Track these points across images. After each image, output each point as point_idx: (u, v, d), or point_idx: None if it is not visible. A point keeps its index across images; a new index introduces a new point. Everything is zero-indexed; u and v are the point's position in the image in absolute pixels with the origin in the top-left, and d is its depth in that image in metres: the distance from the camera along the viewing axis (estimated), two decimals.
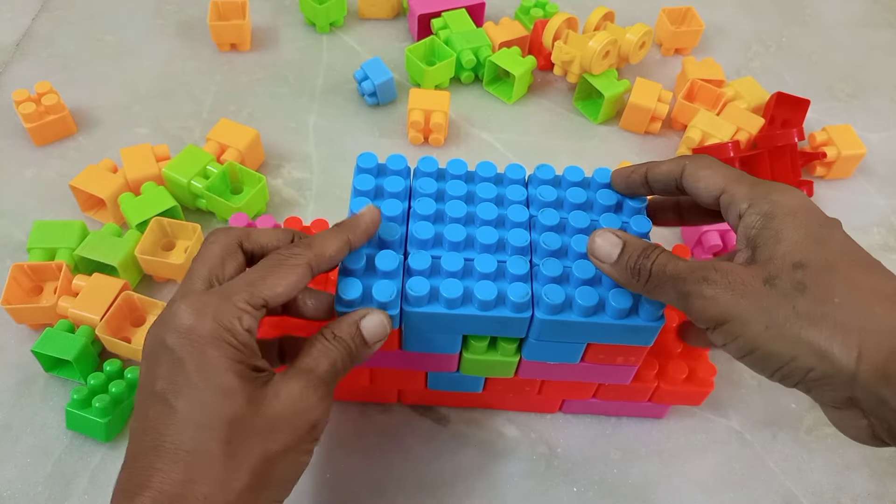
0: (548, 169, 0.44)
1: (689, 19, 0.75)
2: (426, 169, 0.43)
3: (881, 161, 0.68)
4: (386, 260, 0.38)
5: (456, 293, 0.37)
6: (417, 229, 0.40)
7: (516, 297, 0.38)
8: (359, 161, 0.43)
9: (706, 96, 0.67)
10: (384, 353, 0.42)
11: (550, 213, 0.41)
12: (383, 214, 0.40)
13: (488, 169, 0.43)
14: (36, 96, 0.62)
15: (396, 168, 0.43)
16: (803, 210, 0.33)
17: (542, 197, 0.42)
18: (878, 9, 0.85)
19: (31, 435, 0.48)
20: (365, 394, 0.49)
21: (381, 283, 0.38)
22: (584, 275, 0.38)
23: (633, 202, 0.42)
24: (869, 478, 0.49)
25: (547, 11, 0.74)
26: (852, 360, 0.29)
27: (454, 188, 0.42)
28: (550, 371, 0.44)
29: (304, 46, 0.74)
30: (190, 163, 0.58)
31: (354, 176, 0.43)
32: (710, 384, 0.46)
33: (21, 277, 0.52)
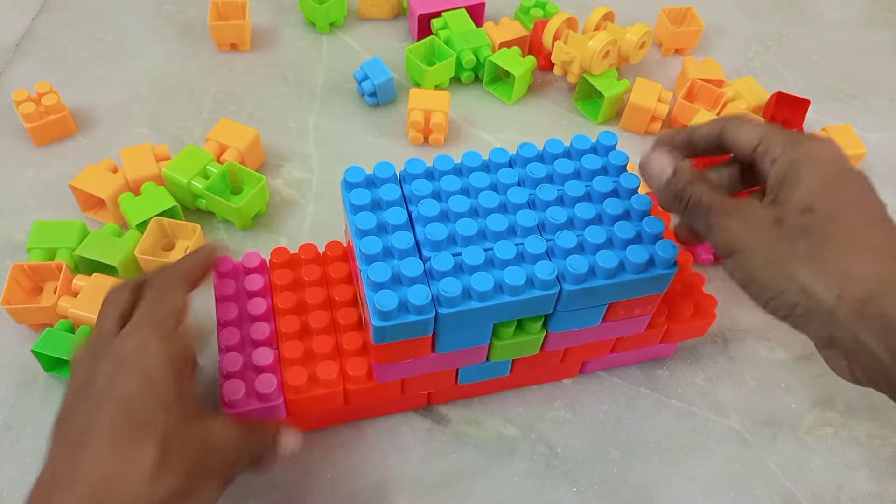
0: (530, 147, 0.45)
1: (689, 19, 0.75)
2: (415, 171, 0.43)
3: (881, 161, 0.68)
4: (411, 266, 0.38)
5: (487, 285, 0.38)
6: (430, 231, 0.39)
7: (544, 275, 0.38)
8: (346, 176, 0.42)
9: (706, 96, 0.67)
10: (417, 361, 0.42)
11: (547, 188, 0.42)
12: (389, 223, 0.40)
13: (474, 158, 0.44)
14: (36, 96, 0.62)
15: (386, 176, 0.43)
16: (827, 159, 0.35)
17: (533, 174, 0.43)
18: (878, 9, 0.85)
19: (31, 435, 0.48)
20: (396, 404, 0.49)
21: (414, 290, 0.38)
22: (597, 239, 0.40)
23: (616, 160, 0.45)
24: (869, 478, 0.49)
25: (547, 11, 0.74)
26: (832, 299, 0.32)
27: (449, 184, 0.42)
28: (574, 338, 0.45)
29: (304, 46, 0.74)
30: (190, 163, 0.58)
31: (346, 192, 0.42)
32: (713, 314, 0.49)
33: (21, 277, 0.52)
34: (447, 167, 0.43)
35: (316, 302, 0.46)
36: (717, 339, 0.55)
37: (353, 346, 0.44)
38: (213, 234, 0.59)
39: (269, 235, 0.59)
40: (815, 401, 0.52)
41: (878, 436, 0.51)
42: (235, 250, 0.58)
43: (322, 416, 0.48)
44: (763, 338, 0.55)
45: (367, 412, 0.49)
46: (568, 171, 0.44)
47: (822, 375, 0.54)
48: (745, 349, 0.55)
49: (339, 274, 0.47)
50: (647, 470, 0.48)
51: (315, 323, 0.45)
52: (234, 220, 0.58)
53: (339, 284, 0.47)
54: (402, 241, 0.39)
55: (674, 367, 0.53)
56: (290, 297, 0.46)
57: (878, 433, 0.51)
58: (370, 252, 0.39)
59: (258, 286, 0.47)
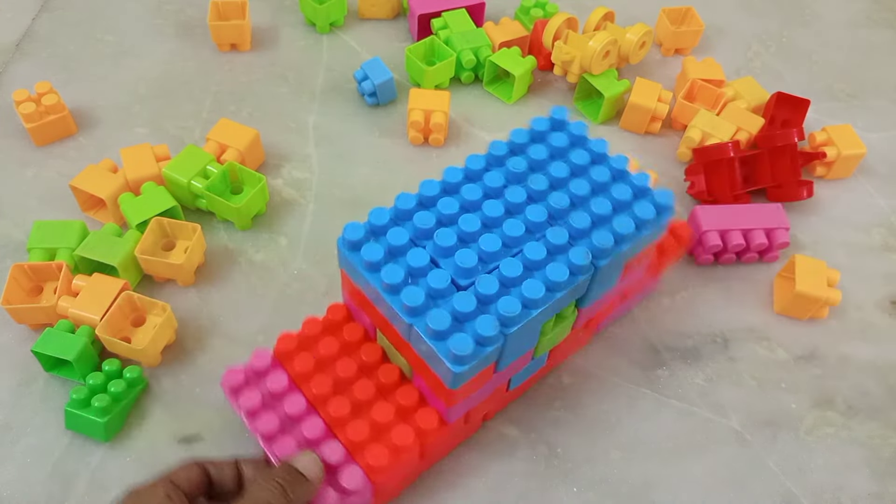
0: (500, 145, 0.45)
1: (689, 19, 0.75)
2: (407, 205, 0.41)
3: (881, 161, 0.68)
4: (464, 301, 0.37)
5: (539, 291, 0.38)
6: (460, 259, 0.39)
7: (580, 261, 0.39)
8: (346, 235, 0.40)
9: (706, 96, 0.67)
10: (482, 390, 0.42)
11: (538, 178, 0.43)
12: (414, 267, 0.39)
13: (455, 173, 0.43)
14: (36, 96, 0.62)
15: (384, 222, 0.41)
16: None
17: (515, 169, 0.43)
18: (878, 9, 0.85)
19: (31, 435, 0.48)
20: (460, 437, 0.48)
21: (480, 322, 0.37)
22: (604, 210, 0.42)
23: (575, 129, 0.46)
24: (869, 478, 0.49)
25: (547, 11, 0.74)
26: None
27: (447, 206, 0.41)
28: (597, 306, 0.46)
29: (304, 46, 0.74)
30: (190, 163, 0.58)
31: (351, 252, 0.40)
32: (688, 235, 0.53)
33: (21, 277, 0.52)
34: (436, 191, 0.42)
35: (351, 374, 0.43)
36: (717, 339, 0.55)
37: (412, 400, 0.43)
38: (213, 234, 0.59)
39: (269, 235, 0.59)
40: (815, 401, 0.52)
41: (878, 436, 0.51)
42: (235, 250, 0.58)
43: (402, 482, 0.46)
44: (763, 338, 0.55)
45: (437, 457, 0.47)
46: (543, 155, 0.44)
47: (822, 375, 0.54)
48: (745, 349, 0.55)
49: (355, 336, 0.45)
50: (647, 470, 0.48)
51: (363, 395, 0.43)
52: (234, 220, 0.58)
53: (362, 346, 0.45)
54: (438, 280, 0.38)
55: (674, 367, 0.53)
56: (323, 380, 0.43)
57: (878, 433, 0.51)
58: (414, 304, 0.37)
59: (283, 383, 0.43)
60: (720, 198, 0.61)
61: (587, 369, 0.53)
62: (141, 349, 0.48)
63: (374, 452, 0.41)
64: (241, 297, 0.55)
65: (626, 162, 0.44)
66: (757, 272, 0.59)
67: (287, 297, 0.55)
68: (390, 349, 0.44)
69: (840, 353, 0.55)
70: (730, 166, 0.60)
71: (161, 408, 0.49)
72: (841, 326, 0.56)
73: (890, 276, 0.60)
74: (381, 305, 0.40)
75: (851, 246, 0.62)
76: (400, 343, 0.41)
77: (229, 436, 0.48)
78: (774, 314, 0.57)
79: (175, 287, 0.55)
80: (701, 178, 0.61)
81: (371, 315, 0.43)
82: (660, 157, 0.67)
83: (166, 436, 0.48)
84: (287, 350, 0.45)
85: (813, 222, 0.63)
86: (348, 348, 0.45)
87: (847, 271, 0.59)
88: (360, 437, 0.41)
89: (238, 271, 0.56)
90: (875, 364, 0.55)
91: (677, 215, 0.62)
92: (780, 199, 0.61)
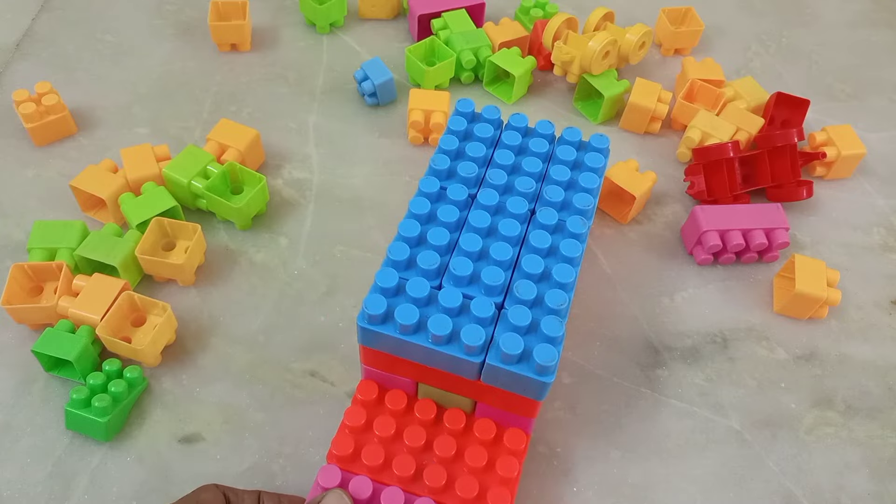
0: (441, 159, 0.46)
1: (689, 19, 0.75)
2: (408, 234, 0.41)
3: (881, 161, 0.68)
4: (521, 316, 0.38)
5: (562, 300, 0.39)
6: (488, 277, 0.39)
7: (576, 229, 0.43)
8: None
9: (706, 96, 0.67)
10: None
11: (498, 173, 0.45)
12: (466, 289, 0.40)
13: (421, 205, 0.43)
14: (36, 96, 0.62)
15: (405, 255, 0.41)
16: None
17: (467, 174, 0.45)
18: (878, 9, 0.85)
19: (31, 435, 0.48)
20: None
21: (547, 323, 0.38)
22: (561, 177, 0.45)
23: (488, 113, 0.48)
24: (869, 478, 0.49)
25: (547, 12, 0.74)
26: None
27: (439, 236, 0.41)
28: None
29: (304, 46, 0.74)
30: (190, 163, 0.58)
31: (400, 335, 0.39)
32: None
33: (21, 277, 0.52)
34: (417, 229, 0.41)
35: (422, 439, 0.42)
36: (716, 339, 0.55)
37: (491, 431, 0.43)
38: (213, 234, 0.59)
39: (269, 235, 0.59)
40: (815, 401, 0.52)
41: (878, 436, 0.51)
42: (236, 250, 0.58)
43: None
44: (763, 338, 0.55)
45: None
46: (504, 160, 0.46)
47: (822, 375, 0.54)
48: (745, 349, 0.55)
49: (400, 404, 0.43)
50: (647, 470, 0.48)
51: (446, 452, 0.42)
52: (235, 220, 0.58)
53: (413, 408, 0.44)
54: (484, 310, 0.38)
55: (674, 367, 0.53)
56: (404, 460, 0.41)
57: (878, 433, 0.51)
58: (478, 342, 0.37)
59: (368, 487, 0.40)
60: (720, 198, 0.61)
61: (587, 369, 0.53)
62: (141, 349, 0.48)
63: (495, 495, 0.40)
64: (241, 297, 0.55)
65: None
66: (756, 272, 0.59)
67: (287, 297, 0.55)
68: (442, 395, 0.43)
69: (840, 353, 0.55)
70: (729, 166, 0.60)
71: (161, 408, 0.49)
72: (841, 326, 0.56)
73: (890, 276, 0.60)
74: (431, 360, 0.39)
75: (851, 246, 0.62)
76: (457, 384, 0.41)
77: (229, 436, 0.48)
78: (774, 314, 0.57)
79: (175, 287, 0.55)
80: (700, 178, 0.61)
81: (412, 373, 0.42)
82: (659, 157, 0.67)
83: (166, 436, 0.48)
84: (347, 454, 0.42)
85: (813, 222, 0.63)
86: (403, 418, 0.43)
87: (847, 271, 0.59)
88: (473, 492, 0.40)
89: (238, 271, 0.57)
90: (875, 364, 0.55)
91: (677, 215, 0.62)
92: (779, 199, 0.62)
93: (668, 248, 0.60)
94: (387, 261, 0.40)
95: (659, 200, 0.63)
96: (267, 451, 0.48)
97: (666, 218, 0.62)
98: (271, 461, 0.47)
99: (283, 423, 0.49)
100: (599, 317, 0.55)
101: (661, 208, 0.63)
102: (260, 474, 0.47)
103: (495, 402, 0.41)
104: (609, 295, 0.57)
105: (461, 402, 0.43)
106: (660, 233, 0.61)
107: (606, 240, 0.60)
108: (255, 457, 0.47)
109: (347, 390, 0.51)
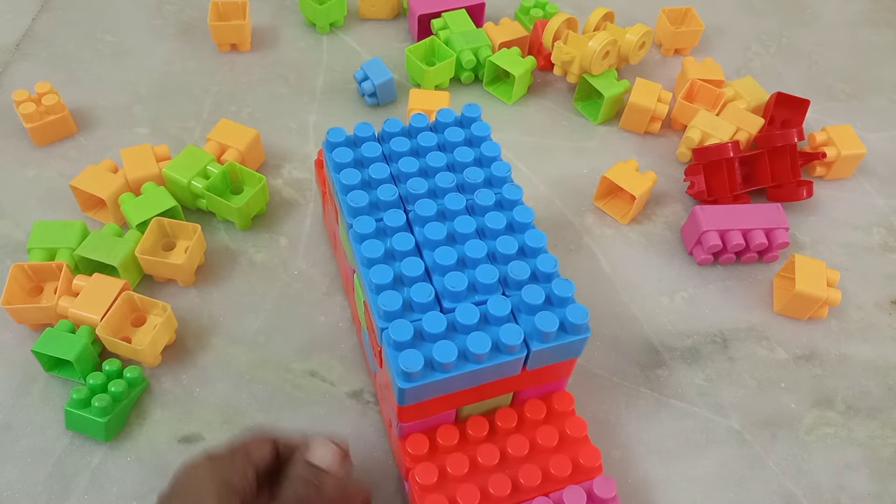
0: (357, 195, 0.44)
1: (689, 19, 0.75)
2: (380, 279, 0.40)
3: (881, 161, 0.68)
4: (535, 294, 0.39)
5: (553, 262, 0.40)
6: (487, 285, 0.40)
7: (515, 195, 0.43)
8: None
9: (706, 96, 0.67)
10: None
11: (416, 182, 0.44)
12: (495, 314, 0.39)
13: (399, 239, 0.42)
14: (36, 96, 0.62)
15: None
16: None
17: (389, 197, 0.43)
18: (878, 9, 0.85)
19: (31, 435, 0.48)
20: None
21: (569, 311, 0.39)
22: (468, 157, 0.45)
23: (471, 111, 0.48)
24: (869, 478, 0.49)
25: (547, 12, 0.74)
26: None
27: (412, 268, 0.40)
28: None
29: (304, 46, 0.74)
30: (190, 163, 0.58)
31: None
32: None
33: (21, 277, 0.52)
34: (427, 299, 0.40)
35: (494, 453, 0.42)
36: (716, 339, 0.55)
37: (541, 409, 0.44)
38: (213, 234, 0.59)
39: (269, 235, 0.59)
40: (815, 401, 0.52)
41: (878, 436, 0.51)
42: (236, 250, 0.58)
43: None
44: (763, 337, 0.55)
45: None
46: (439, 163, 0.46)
47: (822, 375, 0.54)
48: (745, 349, 0.55)
49: (453, 434, 0.43)
50: (647, 470, 0.48)
51: (520, 451, 0.42)
52: (235, 220, 0.58)
53: (467, 427, 0.43)
54: (498, 307, 0.38)
55: (674, 367, 0.53)
56: (499, 480, 0.41)
57: (878, 433, 0.51)
58: (513, 341, 0.38)
59: None
60: (720, 198, 0.61)
61: (587, 369, 0.53)
62: (141, 349, 0.48)
63: (587, 456, 0.42)
64: (241, 297, 0.55)
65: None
66: (756, 272, 0.59)
67: (287, 297, 0.55)
68: (482, 405, 0.43)
69: (840, 353, 0.55)
70: (729, 166, 0.60)
71: (161, 408, 0.49)
72: (841, 326, 0.56)
73: (890, 276, 0.60)
74: (476, 379, 0.39)
75: (851, 246, 0.62)
76: (498, 387, 0.41)
77: (229, 436, 0.48)
78: (774, 314, 0.57)
79: (175, 287, 0.55)
80: (700, 178, 0.61)
81: (455, 403, 0.42)
82: (659, 157, 0.67)
83: (166, 436, 0.48)
84: (427, 484, 0.41)
85: (813, 222, 0.63)
86: (465, 443, 0.43)
87: (847, 271, 0.59)
88: (568, 468, 0.42)
89: (238, 271, 0.57)
90: (875, 364, 0.55)
91: (677, 215, 0.62)
92: (779, 199, 0.62)
93: (668, 248, 0.60)
94: (386, 314, 0.38)
95: (659, 200, 0.63)
96: None
97: (666, 218, 0.62)
98: None
99: (283, 423, 0.49)
100: (599, 317, 0.55)
101: (661, 208, 0.63)
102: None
103: (536, 381, 0.42)
104: (609, 295, 0.57)
105: (499, 401, 0.44)
106: (660, 233, 0.61)
107: (606, 240, 0.60)
108: None
109: (347, 390, 0.51)
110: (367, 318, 0.43)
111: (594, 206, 0.62)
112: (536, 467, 0.42)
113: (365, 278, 0.40)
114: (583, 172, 0.65)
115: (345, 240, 0.45)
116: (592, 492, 0.41)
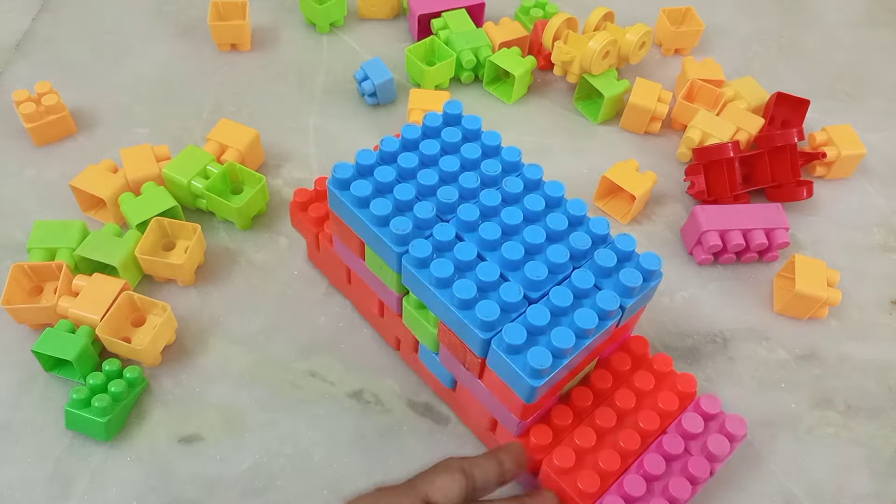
0: (400, 222, 0.43)
1: (689, 19, 0.75)
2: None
3: (881, 161, 0.68)
4: (584, 279, 0.40)
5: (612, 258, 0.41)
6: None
7: (557, 192, 0.43)
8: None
9: (706, 96, 0.67)
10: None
11: (447, 190, 0.43)
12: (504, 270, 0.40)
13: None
14: (36, 96, 0.62)
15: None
16: None
17: (427, 215, 0.42)
18: (878, 9, 0.85)
19: (31, 435, 0.48)
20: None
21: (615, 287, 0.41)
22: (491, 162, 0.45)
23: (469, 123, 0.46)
24: (869, 478, 0.49)
25: (547, 12, 0.74)
26: None
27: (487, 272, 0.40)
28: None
29: (304, 46, 0.74)
30: (190, 163, 0.58)
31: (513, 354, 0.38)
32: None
33: (21, 277, 0.52)
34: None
35: (615, 416, 0.44)
36: (716, 339, 0.55)
37: (626, 361, 0.46)
38: (213, 234, 0.59)
39: (269, 235, 0.59)
40: (814, 401, 0.52)
41: (878, 436, 0.51)
42: (236, 250, 0.58)
43: None
44: (763, 337, 0.55)
45: None
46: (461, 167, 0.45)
47: (822, 375, 0.54)
48: (745, 349, 0.55)
49: (566, 420, 0.43)
50: None
51: (608, 422, 0.43)
52: (235, 220, 0.58)
53: (574, 405, 0.44)
54: (510, 295, 0.39)
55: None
56: (608, 455, 0.42)
57: (878, 433, 0.51)
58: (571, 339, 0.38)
59: (641, 487, 0.41)
60: (720, 198, 0.61)
61: None
62: (141, 349, 0.48)
63: (682, 381, 0.45)
64: (241, 297, 0.55)
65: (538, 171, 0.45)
66: (756, 272, 0.59)
67: (287, 297, 0.55)
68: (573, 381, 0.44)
69: (840, 353, 0.55)
70: (729, 166, 0.60)
71: (161, 408, 0.49)
72: (841, 326, 0.56)
73: (890, 276, 0.60)
74: (584, 354, 0.40)
75: (851, 246, 0.62)
76: (592, 355, 0.42)
77: (229, 436, 0.48)
78: (774, 314, 0.57)
79: (175, 287, 0.55)
80: (701, 178, 0.61)
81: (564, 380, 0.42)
82: (660, 157, 0.67)
83: (166, 436, 0.48)
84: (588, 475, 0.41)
85: (813, 222, 0.63)
86: (580, 416, 0.44)
87: (847, 271, 0.59)
88: (675, 402, 0.44)
89: (238, 271, 0.57)
90: (875, 364, 0.55)
91: (677, 215, 0.62)
92: (779, 199, 0.62)
93: (668, 248, 0.60)
94: (487, 325, 0.38)
95: (659, 200, 0.63)
96: (267, 451, 0.48)
97: (666, 218, 0.62)
98: (271, 461, 0.47)
99: (283, 423, 0.49)
100: None
101: (661, 208, 0.63)
102: (260, 474, 0.47)
103: (621, 334, 0.44)
104: None
105: (589, 367, 0.45)
106: (660, 233, 0.61)
107: None
108: (255, 457, 0.47)
109: (347, 390, 0.51)
110: (444, 338, 0.42)
111: (594, 206, 0.62)
112: (650, 411, 0.44)
113: (444, 298, 0.39)
114: (583, 172, 0.65)
115: (384, 270, 0.44)
116: (703, 411, 0.44)
